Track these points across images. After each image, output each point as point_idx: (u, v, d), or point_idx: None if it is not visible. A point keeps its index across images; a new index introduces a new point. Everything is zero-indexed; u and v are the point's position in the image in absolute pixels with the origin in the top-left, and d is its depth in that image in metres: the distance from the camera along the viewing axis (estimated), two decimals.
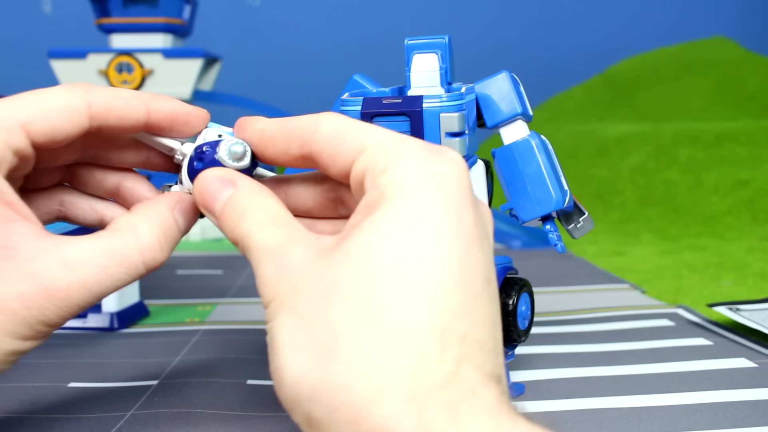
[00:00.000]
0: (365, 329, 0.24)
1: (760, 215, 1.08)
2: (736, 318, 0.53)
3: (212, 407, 0.39)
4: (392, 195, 0.26)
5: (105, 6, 1.04)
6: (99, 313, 0.56)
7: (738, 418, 0.37)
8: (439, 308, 0.25)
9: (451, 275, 0.25)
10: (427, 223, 0.26)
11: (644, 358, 0.47)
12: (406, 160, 0.27)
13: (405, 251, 0.25)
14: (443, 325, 0.24)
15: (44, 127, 0.30)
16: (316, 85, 1.49)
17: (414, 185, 0.27)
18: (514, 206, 0.41)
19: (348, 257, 0.26)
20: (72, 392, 0.42)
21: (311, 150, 0.30)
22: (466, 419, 0.23)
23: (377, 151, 0.28)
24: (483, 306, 0.26)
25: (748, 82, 1.54)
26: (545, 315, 0.59)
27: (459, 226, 0.26)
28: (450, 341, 0.24)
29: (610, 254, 0.89)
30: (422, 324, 0.24)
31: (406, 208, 0.26)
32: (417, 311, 0.24)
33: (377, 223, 0.26)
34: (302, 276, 0.26)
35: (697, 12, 1.93)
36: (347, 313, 0.25)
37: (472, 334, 0.25)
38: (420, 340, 0.24)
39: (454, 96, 0.38)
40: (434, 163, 0.27)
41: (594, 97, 1.64)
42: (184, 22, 1.07)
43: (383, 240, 0.26)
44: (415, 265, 0.25)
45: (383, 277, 0.25)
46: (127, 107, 0.32)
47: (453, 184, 0.27)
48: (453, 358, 0.24)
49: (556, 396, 0.41)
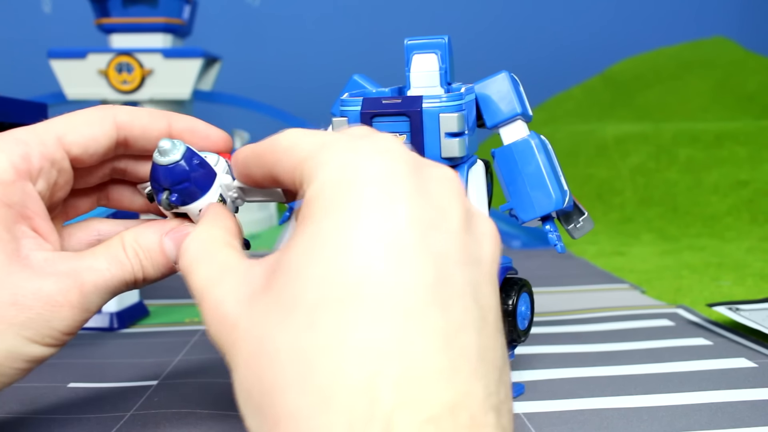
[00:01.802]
0: (296, 396, 0.22)
1: (759, 215, 1.08)
2: (736, 318, 0.53)
3: (212, 407, 0.39)
4: (309, 217, 0.24)
5: (105, 6, 1.04)
6: (99, 313, 0.56)
7: (738, 418, 0.37)
8: (365, 352, 0.22)
9: (378, 305, 0.22)
10: (345, 250, 0.23)
11: (644, 358, 0.47)
12: (321, 170, 0.25)
13: (323, 292, 0.22)
14: (371, 372, 0.21)
15: (78, 137, 0.32)
16: (315, 85, 1.49)
17: (329, 201, 0.24)
18: (514, 206, 0.41)
19: (271, 307, 0.23)
20: (72, 392, 0.42)
21: (273, 170, 0.28)
22: None
23: (304, 163, 0.26)
24: (428, 322, 0.22)
25: (748, 82, 1.54)
26: (545, 315, 0.59)
27: (384, 237, 0.23)
28: (381, 390, 0.21)
29: (610, 254, 0.89)
30: (349, 378, 0.21)
31: (323, 235, 0.23)
32: (342, 364, 0.22)
33: (295, 259, 0.23)
34: (236, 332, 0.24)
35: (697, 12, 1.93)
36: (278, 379, 0.22)
37: (412, 366, 0.22)
38: (348, 399, 0.21)
39: (453, 96, 0.38)
40: (354, 163, 0.24)
41: (593, 97, 1.64)
42: (184, 22, 1.07)
43: (300, 283, 0.23)
44: (335, 305, 0.22)
45: (306, 330, 0.22)
46: (150, 117, 0.34)
47: (375, 183, 0.24)
48: (383, 413, 0.21)
49: (556, 396, 0.41)
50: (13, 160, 0.30)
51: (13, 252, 0.29)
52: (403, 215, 0.23)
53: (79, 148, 0.32)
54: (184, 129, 0.34)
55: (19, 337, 0.29)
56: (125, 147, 0.34)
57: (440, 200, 0.25)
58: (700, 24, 1.89)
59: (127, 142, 0.34)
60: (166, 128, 0.34)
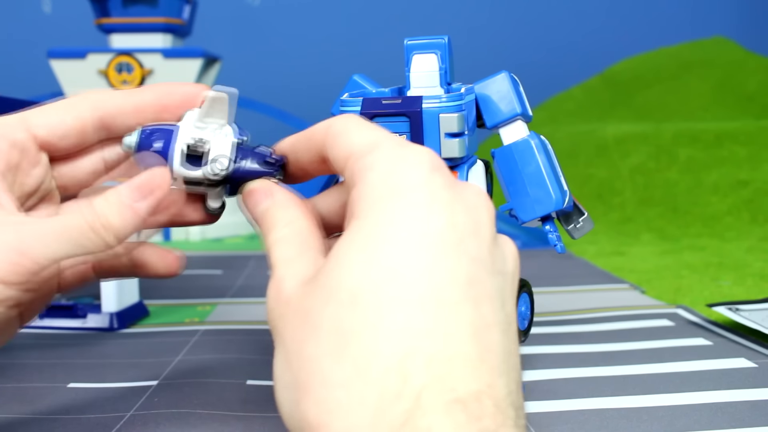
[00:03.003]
0: (331, 365, 0.24)
1: (759, 215, 1.08)
2: (736, 318, 0.53)
3: (212, 407, 0.39)
4: (356, 215, 0.26)
5: (105, 6, 1.04)
6: (99, 313, 0.56)
7: (738, 418, 0.37)
8: (401, 332, 0.23)
9: (415, 292, 0.24)
10: (388, 242, 0.25)
11: (644, 358, 0.47)
12: (370, 172, 0.27)
13: (366, 277, 0.24)
14: (404, 351, 0.23)
15: (43, 120, 0.32)
16: (315, 85, 1.49)
17: (375, 201, 0.26)
18: (514, 206, 0.41)
19: (319, 287, 0.25)
20: (72, 392, 0.42)
21: (323, 153, 0.30)
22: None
23: (354, 160, 0.28)
24: (461, 314, 0.24)
25: (748, 82, 1.54)
26: (545, 315, 0.59)
27: (425, 235, 0.25)
28: (413, 368, 0.23)
29: (610, 254, 0.89)
30: (382, 355, 0.23)
31: (368, 228, 0.25)
32: (377, 341, 0.23)
33: (342, 248, 0.25)
34: (288, 306, 0.26)
35: (697, 12, 1.93)
36: (317, 348, 0.24)
37: (443, 350, 0.23)
38: (380, 373, 0.23)
39: (453, 96, 0.38)
40: (400, 170, 0.26)
41: (593, 97, 1.64)
42: (184, 22, 1.07)
43: (346, 267, 0.25)
44: (375, 290, 0.24)
45: (347, 307, 0.24)
46: (124, 94, 0.33)
47: (419, 189, 0.26)
48: (413, 390, 0.22)
49: (556, 396, 0.41)
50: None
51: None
52: (443, 218, 0.25)
53: (45, 129, 0.32)
54: (162, 93, 0.33)
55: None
56: (107, 130, 0.33)
57: (475, 212, 0.26)
58: (700, 24, 1.89)
59: (106, 123, 0.33)
60: (141, 99, 0.33)
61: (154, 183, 0.31)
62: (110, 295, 0.56)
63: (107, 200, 0.30)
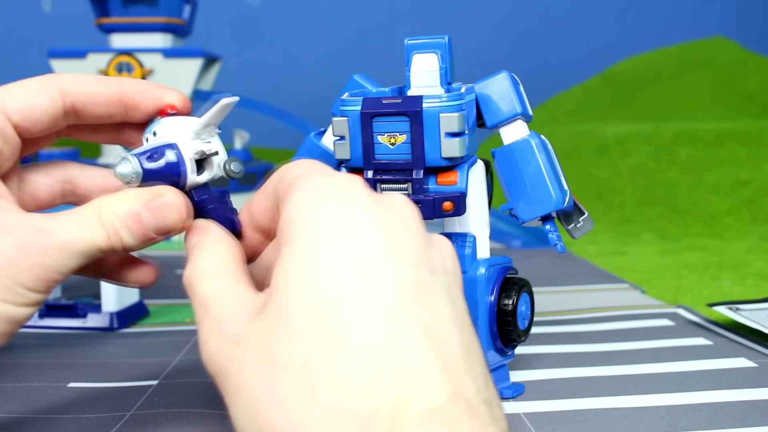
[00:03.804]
0: (309, 402, 0.23)
1: (759, 215, 1.08)
2: (736, 318, 0.53)
3: (212, 407, 0.39)
4: (289, 238, 0.26)
5: (105, 6, 1.04)
6: (99, 313, 0.56)
7: (738, 418, 0.37)
8: (363, 352, 0.23)
9: (366, 308, 0.24)
10: (330, 258, 0.25)
11: (644, 357, 0.47)
12: (294, 195, 0.27)
13: (318, 303, 0.24)
14: (371, 371, 0.23)
15: (18, 104, 0.32)
16: (315, 85, 1.49)
17: (305, 222, 0.26)
18: (514, 206, 0.41)
19: (275, 322, 0.25)
20: (72, 392, 0.42)
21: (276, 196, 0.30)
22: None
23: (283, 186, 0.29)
24: (414, 320, 0.24)
25: (748, 82, 1.54)
26: (545, 315, 0.59)
27: (362, 249, 0.25)
28: (382, 387, 0.23)
29: (610, 254, 0.89)
30: (352, 379, 0.23)
31: (304, 249, 0.25)
32: (346, 366, 0.23)
33: (285, 276, 0.25)
34: (239, 347, 0.25)
35: (697, 12, 1.94)
36: (289, 387, 0.24)
37: (404, 364, 0.23)
38: (355, 398, 0.23)
39: (453, 96, 0.38)
40: (318, 192, 0.27)
41: (594, 97, 1.64)
42: (184, 21, 1.07)
43: (295, 297, 0.24)
44: (330, 315, 0.24)
45: (309, 338, 0.24)
46: (97, 83, 0.33)
47: (341, 209, 0.26)
48: (388, 407, 0.22)
49: (556, 396, 0.41)
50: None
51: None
52: (376, 230, 0.26)
53: (20, 114, 0.32)
54: (134, 92, 0.33)
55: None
56: (76, 116, 0.33)
57: (404, 220, 0.27)
58: (700, 24, 1.90)
59: (77, 110, 0.33)
60: (115, 93, 0.33)
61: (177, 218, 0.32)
62: (110, 295, 0.56)
63: (128, 224, 0.31)
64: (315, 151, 0.44)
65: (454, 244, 0.41)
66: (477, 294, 0.40)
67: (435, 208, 0.38)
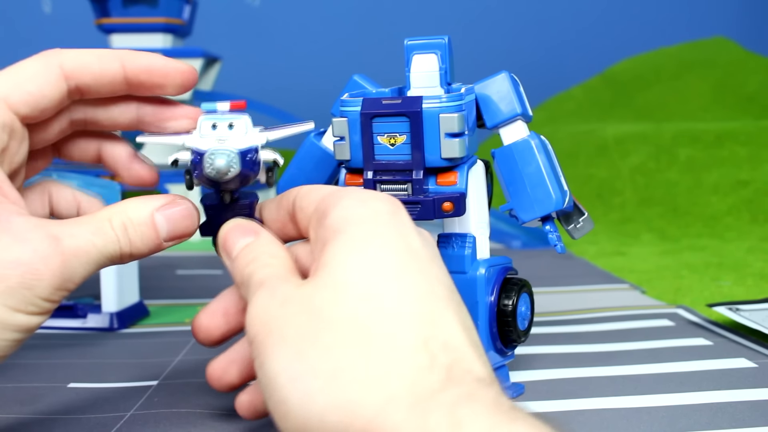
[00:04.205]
0: (359, 351, 0.26)
1: (760, 215, 1.08)
2: (736, 318, 0.53)
3: (212, 407, 0.39)
4: (341, 230, 0.29)
5: (105, 6, 1.04)
6: (99, 314, 0.56)
7: (738, 418, 0.37)
8: (416, 322, 0.26)
9: (417, 289, 0.27)
10: (380, 249, 0.28)
11: (644, 358, 0.47)
12: (343, 201, 0.30)
13: (372, 277, 0.27)
14: (424, 337, 0.26)
15: (24, 96, 0.31)
16: (315, 86, 1.49)
17: (356, 219, 0.29)
18: (514, 206, 0.41)
19: (326, 287, 0.27)
20: (72, 392, 0.42)
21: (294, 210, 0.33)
22: (466, 422, 0.23)
23: (318, 204, 0.31)
24: (452, 312, 0.27)
25: (748, 82, 1.54)
26: (545, 315, 0.59)
27: (409, 247, 0.29)
28: (435, 350, 0.26)
29: (610, 254, 0.89)
30: (407, 339, 0.26)
31: (358, 238, 0.28)
32: (399, 328, 0.26)
33: (338, 255, 0.28)
34: (286, 307, 0.28)
35: (697, 12, 1.93)
36: (339, 338, 0.26)
37: (451, 339, 0.26)
38: (409, 353, 0.25)
39: (453, 96, 0.38)
40: (368, 201, 0.30)
41: (594, 97, 1.64)
42: (184, 22, 1.07)
43: (350, 269, 0.28)
44: (383, 287, 0.27)
45: (362, 303, 0.27)
46: (100, 63, 0.32)
47: (389, 216, 0.29)
48: (443, 365, 0.25)
49: (556, 396, 0.41)
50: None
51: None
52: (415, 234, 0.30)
53: (26, 107, 0.31)
54: (140, 70, 0.33)
55: (2, 307, 0.28)
56: (80, 94, 0.33)
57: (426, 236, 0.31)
58: (700, 24, 1.89)
59: (80, 89, 0.32)
60: (120, 71, 0.33)
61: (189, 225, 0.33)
62: (110, 295, 0.56)
63: (142, 234, 0.32)
64: (315, 152, 0.44)
65: (454, 244, 0.41)
66: (477, 294, 0.40)
67: (435, 209, 0.38)
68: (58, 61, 0.32)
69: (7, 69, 0.32)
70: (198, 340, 0.36)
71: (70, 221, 0.31)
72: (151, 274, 0.69)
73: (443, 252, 0.41)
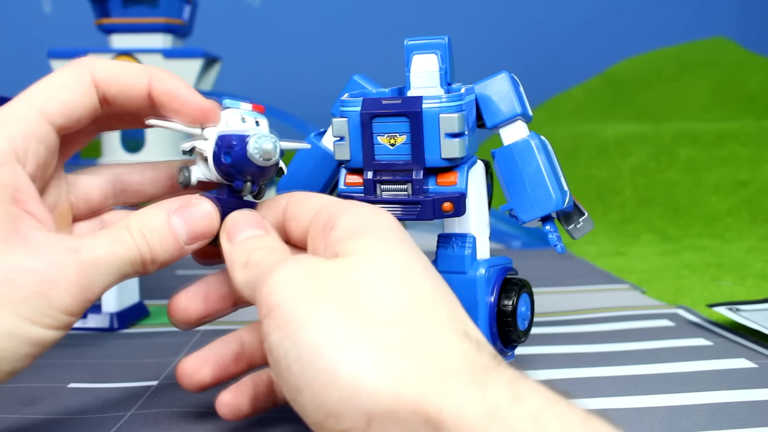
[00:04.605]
0: (408, 330, 0.26)
1: (760, 215, 1.08)
2: (736, 318, 0.53)
3: (212, 407, 0.39)
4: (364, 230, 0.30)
5: (105, 6, 1.04)
6: (99, 314, 0.56)
7: (738, 418, 0.37)
8: (452, 317, 0.27)
9: (442, 292, 0.29)
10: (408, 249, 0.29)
11: (644, 358, 0.47)
12: (354, 209, 0.31)
13: (406, 271, 0.28)
14: (464, 329, 0.27)
15: (60, 107, 0.31)
16: (315, 86, 1.49)
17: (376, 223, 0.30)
18: (514, 207, 0.41)
19: (365, 267, 0.28)
20: (72, 392, 0.42)
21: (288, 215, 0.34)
22: (525, 395, 0.24)
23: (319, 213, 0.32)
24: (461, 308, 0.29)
25: (748, 82, 1.54)
26: (545, 315, 0.59)
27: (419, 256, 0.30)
28: (477, 339, 0.27)
29: (610, 254, 0.89)
30: (449, 329, 0.27)
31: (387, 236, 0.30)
32: (440, 320, 0.27)
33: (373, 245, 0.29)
34: (322, 279, 0.27)
35: (697, 12, 1.94)
36: (386, 315, 0.26)
37: (474, 331, 0.28)
38: (456, 339, 0.26)
39: (453, 97, 0.38)
40: (378, 212, 0.31)
41: (594, 97, 1.64)
42: (184, 22, 1.07)
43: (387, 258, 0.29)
44: (418, 280, 0.28)
45: (402, 290, 0.27)
46: (128, 75, 0.32)
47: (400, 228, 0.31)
48: (488, 352, 0.26)
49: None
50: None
51: (9, 231, 0.28)
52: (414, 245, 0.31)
53: (62, 118, 0.31)
54: (163, 92, 0.33)
55: (16, 318, 0.28)
56: (105, 105, 0.33)
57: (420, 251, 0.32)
58: (700, 24, 1.90)
59: (107, 100, 0.32)
60: (146, 87, 0.33)
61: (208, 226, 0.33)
62: (110, 295, 0.56)
63: (160, 239, 0.31)
64: (315, 152, 0.44)
65: (454, 244, 0.41)
66: (477, 294, 0.40)
67: (435, 209, 0.38)
68: (89, 70, 0.32)
69: (41, 80, 0.32)
70: (173, 320, 0.35)
71: (90, 236, 0.31)
72: (151, 275, 0.69)
73: (443, 252, 0.41)
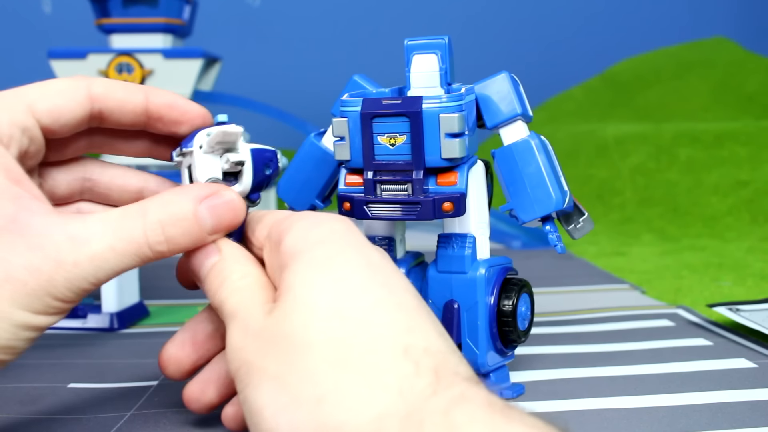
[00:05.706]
0: (340, 370, 0.25)
1: (759, 215, 1.08)
2: (736, 318, 0.53)
3: None
4: (300, 251, 0.29)
5: (105, 6, 1.04)
6: (99, 314, 0.56)
7: (738, 418, 0.37)
8: (392, 331, 0.26)
9: (386, 300, 0.27)
10: (343, 266, 0.28)
11: (644, 358, 0.47)
12: (297, 224, 0.30)
13: (340, 294, 0.27)
14: (404, 345, 0.26)
15: (49, 106, 0.31)
16: (315, 86, 1.49)
17: (314, 240, 0.29)
18: (514, 207, 0.41)
19: (295, 311, 0.27)
20: (72, 392, 0.42)
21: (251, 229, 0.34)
22: (462, 426, 0.23)
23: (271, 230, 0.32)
24: (425, 318, 0.28)
25: (748, 82, 1.54)
26: (545, 315, 0.59)
27: (369, 262, 0.29)
28: (417, 356, 0.25)
29: (610, 254, 0.89)
30: (386, 349, 0.26)
31: (319, 258, 0.29)
32: (375, 340, 0.26)
33: (302, 276, 0.28)
34: (261, 338, 0.28)
35: (697, 12, 1.94)
36: (317, 361, 0.26)
37: (430, 345, 0.26)
38: (391, 363, 0.25)
39: (453, 97, 0.38)
40: (322, 222, 0.30)
41: (594, 97, 1.64)
42: (184, 22, 1.07)
43: (316, 289, 0.28)
44: (352, 302, 0.27)
45: (333, 321, 0.26)
46: (125, 91, 0.33)
47: (346, 234, 0.30)
48: (429, 369, 0.25)
49: (556, 396, 0.41)
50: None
51: (8, 219, 0.28)
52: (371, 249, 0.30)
53: (49, 117, 0.31)
54: (162, 104, 0.34)
55: (18, 310, 0.28)
56: (100, 120, 0.33)
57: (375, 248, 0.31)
58: (700, 24, 1.90)
59: (102, 115, 0.33)
60: (143, 102, 0.33)
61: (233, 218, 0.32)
62: (110, 295, 0.56)
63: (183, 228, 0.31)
64: (315, 152, 0.44)
65: (454, 245, 0.41)
66: (477, 295, 0.40)
67: (435, 209, 0.38)
68: (87, 83, 0.33)
69: (38, 82, 0.32)
70: (167, 374, 0.35)
71: (94, 219, 0.30)
72: (151, 274, 0.69)
73: (443, 252, 0.41)
